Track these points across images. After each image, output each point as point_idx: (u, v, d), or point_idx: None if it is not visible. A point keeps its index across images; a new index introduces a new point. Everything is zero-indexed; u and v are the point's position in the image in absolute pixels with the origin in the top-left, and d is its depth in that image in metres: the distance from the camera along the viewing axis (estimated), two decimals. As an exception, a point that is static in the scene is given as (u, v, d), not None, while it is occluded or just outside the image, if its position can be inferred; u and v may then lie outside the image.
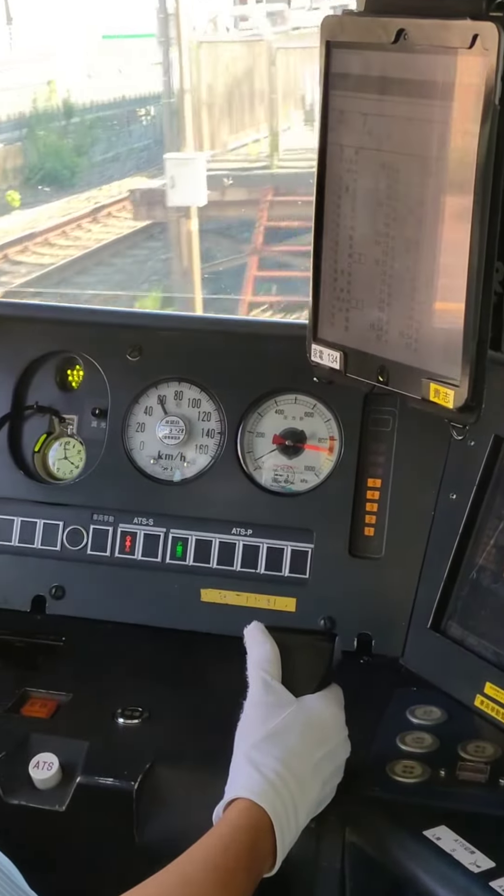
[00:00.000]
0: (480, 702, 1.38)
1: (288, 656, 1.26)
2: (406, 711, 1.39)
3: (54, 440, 1.70)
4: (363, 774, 1.27)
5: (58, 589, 1.63)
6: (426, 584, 1.49)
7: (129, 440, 1.66)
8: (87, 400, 1.68)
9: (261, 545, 1.59)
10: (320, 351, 1.40)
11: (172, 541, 1.62)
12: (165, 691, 1.46)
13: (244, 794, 1.13)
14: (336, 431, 1.59)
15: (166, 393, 1.66)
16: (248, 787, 1.13)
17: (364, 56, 1.30)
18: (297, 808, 1.14)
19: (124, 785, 1.30)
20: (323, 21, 1.34)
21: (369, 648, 1.52)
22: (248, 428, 1.62)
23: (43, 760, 1.33)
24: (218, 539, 1.60)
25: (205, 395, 1.65)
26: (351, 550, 1.55)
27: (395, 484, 1.55)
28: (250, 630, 1.28)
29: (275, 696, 1.22)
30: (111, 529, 1.64)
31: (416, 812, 1.22)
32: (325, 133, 1.36)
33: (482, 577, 1.44)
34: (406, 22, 1.23)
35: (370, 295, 1.33)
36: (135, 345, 1.66)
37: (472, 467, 1.47)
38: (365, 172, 1.32)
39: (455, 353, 1.22)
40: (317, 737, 1.20)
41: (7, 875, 1.21)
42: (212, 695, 1.40)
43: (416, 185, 1.25)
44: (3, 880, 1.19)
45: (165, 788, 1.31)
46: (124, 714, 1.39)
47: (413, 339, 1.29)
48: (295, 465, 1.61)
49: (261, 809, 1.12)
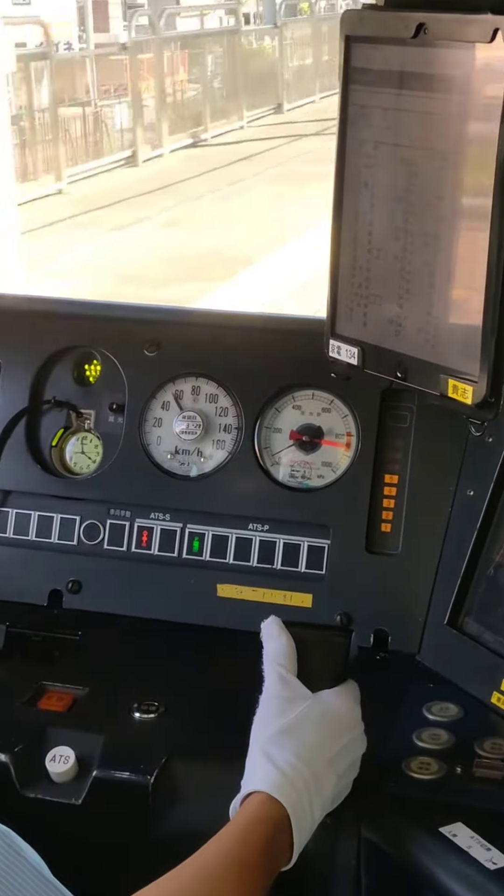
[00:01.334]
0: (497, 698, 1.37)
1: (304, 651, 1.26)
2: (422, 708, 1.38)
3: (71, 435, 1.70)
4: (379, 770, 1.27)
5: (74, 583, 1.64)
6: (443, 580, 1.49)
7: (146, 435, 1.66)
8: (105, 395, 1.68)
9: (277, 541, 1.59)
10: (338, 346, 1.40)
11: (189, 536, 1.62)
12: (181, 686, 1.46)
13: (261, 787, 1.13)
14: (353, 427, 1.59)
15: (183, 388, 1.66)
16: (265, 781, 1.13)
17: (384, 51, 1.30)
18: (312, 801, 1.14)
19: (140, 779, 1.31)
20: (343, 15, 1.34)
21: (386, 644, 1.52)
22: (265, 423, 1.62)
23: (59, 754, 1.34)
24: (234, 534, 1.60)
25: (222, 390, 1.65)
26: (368, 546, 1.55)
27: (413, 480, 1.54)
28: (267, 624, 1.29)
29: (291, 690, 1.22)
30: (128, 524, 1.64)
31: (431, 809, 1.22)
32: (345, 128, 1.35)
33: (499, 573, 1.44)
34: (426, 16, 1.23)
35: (388, 290, 1.33)
36: (152, 340, 1.66)
37: (490, 464, 1.46)
38: (384, 167, 1.31)
39: (474, 349, 1.21)
40: (333, 731, 1.20)
41: (37, 869, 1.22)
42: (228, 690, 1.39)
43: (435, 180, 1.25)
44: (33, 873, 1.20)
45: (181, 782, 1.31)
46: (140, 708, 1.40)
47: (431, 335, 1.28)
48: (312, 461, 1.61)
49: (277, 803, 1.12)
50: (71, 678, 1.48)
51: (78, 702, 1.44)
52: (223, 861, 1.09)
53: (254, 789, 1.14)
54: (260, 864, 1.10)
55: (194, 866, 1.09)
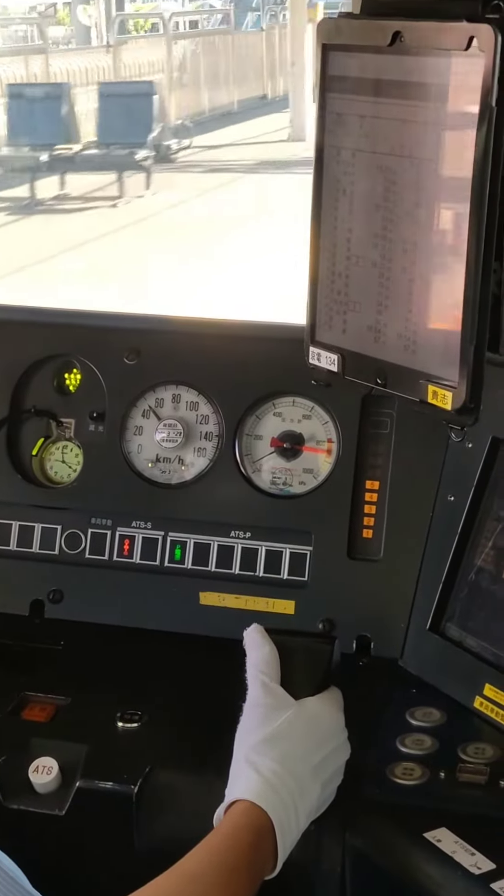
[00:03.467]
0: (480, 703, 1.38)
1: (287, 659, 1.26)
2: (405, 713, 1.38)
3: (52, 444, 1.70)
4: (363, 777, 1.27)
5: (56, 593, 1.63)
6: (425, 585, 1.49)
7: (127, 443, 1.66)
8: (85, 403, 1.68)
9: (259, 548, 1.59)
10: (318, 353, 1.40)
11: (171, 544, 1.62)
12: (165, 695, 1.46)
13: (245, 795, 1.13)
14: (334, 434, 1.59)
15: (164, 396, 1.66)
16: (249, 789, 1.13)
17: (360, 59, 1.30)
18: (297, 809, 1.14)
19: (124, 788, 1.30)
20: (319, 24, 1.34)
21: (368, 650, 1.52)
22: (246, 431, 1.62)
23: (42, 765, 1.33)
24: (216, 542, 1.60)
25: (202, 397, 1.65)
26: (350, 552, 1.55)
27: (394, 486, 1.55)
28: (250, 632, 1.29)
29: (274, 698, 1.22)
30: (109, 533, 1.64)
31: (416, 814, 1.22)
32: (323, 135, 1.36)
33: (481, 578, 1.44)
34: (402, 24, 1.24)
35: (368, 297, 1.33)
36: (132, 348, 1.66)
37: (470, 469, 1.47)
38: (362, 175, 1.32)
39: (453, 355, 1.22)
40: (316, 739, 1.20)
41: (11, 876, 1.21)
42: (211, 698, 1.39)
43: (413, 187, 1.25)
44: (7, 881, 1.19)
45: (165, 792, 1.31)
46: (123, 718, 1.39)
47: (411, 342, 1.29)
48: (293, 468, 1.61)
49: (261, 810, 1.12)
50: (54, 688, 1.47)
51: (61, 712, 1.43)
52: (209, 868, 1.09)
53: (238, 797, 1.13)
54: (245, 871, 1.10)
55: (180, 873, 1.09)
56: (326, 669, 1.27)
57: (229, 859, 1.09)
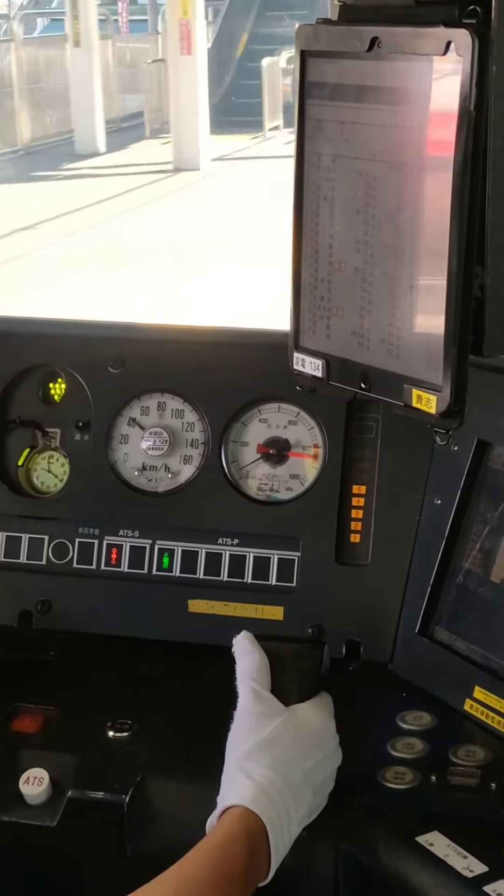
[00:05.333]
0: (470, 706, 1.38)
1: (277, 665, 1.26)
2: (396, 717, 1.39)
3: (38, 454, 1.69)
4: (354, 781, 1.27)
5: (44, 603, 1.63)
6: (413, 589, 1.49)
7: (113, 452, 1.66)
8: (70, 413, 1.68)
9: (247, 554, 1.59)
10: (302, 359, 1.40)
11: (159, 552, 1.62)
12: (155, 703, 1.45)
13: (238, 801, 1.13)
14: (320, 439, 1.59)
15: (149, 404, 1.66)
16: (242, 795, 1.13)
17: (339, 65, 1.30)
18: (290, 815, 1.14)
19: (115, 798, 1.30)
20: (298, 30, 1.34)
21: (358, 655, 1.52)
22: (231, 437, 1.62)
23: (33, 776, 1.33)
24: (204, 549, 1.60)
25: (188, 405, 1.65)
26: (337, 558, 1.55)
27: (381, 490, 1.55)
28: (239, 640, 1.28)
29: (264, 705, 1.22)
30: (97, 542, 1.63)
31: (408, 818, 1.22)
32: (303, 142, 1.36)
33: (468, 581, 1.45)
34: (380, 30, 1.24)
35: (351, 302, 1.33)
36: (116, 357, 1.66)
37: (456, 472, 1.47)
38: (343, 180, 1.32)
39: (437, 359, 1.22)
40: (308, 746, 1.20)
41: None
42: (201, 705, 1.39)
43: (394, 192, 1.25)
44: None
45: (157, 801, 1.31)
46: (114, 727, 1.39)
47: (395, 346, 1.29)
48: (280, 474, 1.61)
49: (255, 816, 1.12)
50: (43, 699, 1.47)
51: (51, 722, 1.43)
52: (203, 875, 1.09)
53: (231, 804, 1.13)
54: (239, 878, 1.10)
55: (173, 880, 1.08)
56: (316, 675, 1.27)
57: (223, 866, 1.09)
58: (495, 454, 1.46)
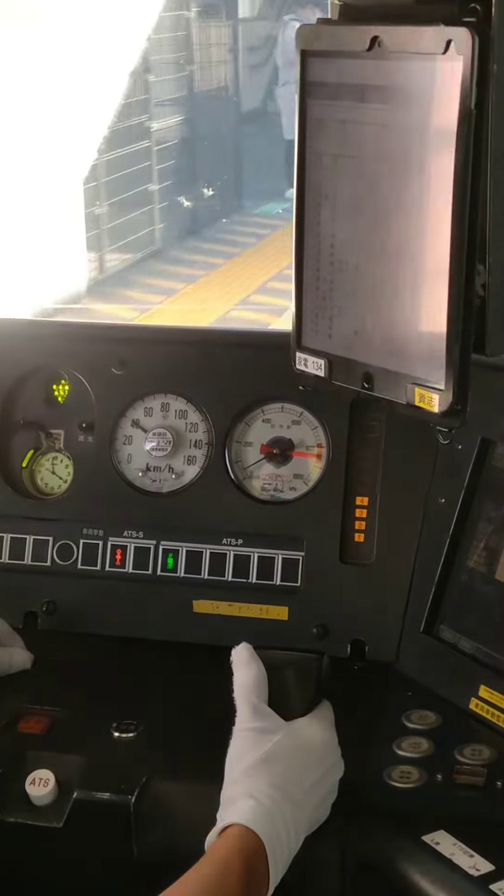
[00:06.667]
0: (475, 705, 1.38)
1: (276, 677, 1.25)
2: (401, 716, 1.39)
3: (42, 455, 1.70)
4: (360, 781, 1.27)
5: (49, 604, 1.63)
6: (418, 588, 1.49)
7: (117, 453, 1.66)
8: (74, 414, 1.68)
9: (252, 555, 1.59)
10: (305, 359, 1.40)
11: (163, 553, 1.62)
12: (160, 704, 1.45)
13: (238, 819, 1.12)
14: (323, 439, 1.59)
15: (153, 405, 1.66)
16: (242, 813, 1.12)
17: (340, 64, 1.30)
18: (289, 832, 1.13)
19: (121, 799, 1.30)
20: (298, 30, 1.34)
21: (363, 654, 1.52)
22: (235, 438, 1.62)
23: (39, 777, 1.33)
24: (209, 550, 1.60)
25: (191, 406, 1.65)
26: (342, 557, 1.55)
27: (384, 489, 1.55)
28: (237, 652, 1.28)
29: (263, 721, 1.21)
30: (101, 543, 1.64)
31: (414, 817, 1.22)
32: (304, 141, 1.36)
33: (473, 579, 1.45)
34: (380, 29, 1.24)
35: (353, 302, 1.33)
36: (119, 358, 1.66)
37: (460, 471, 1.47)
38: (344, 180, 1.32)
39: (439, 358, 1.22)
40: (308, 761, 1.19)
41: None
42: (207, 706, 1.39)
43: (395, 191, 1.25)
44: None
45: (163, 801, 1.31)
46: (119, 728, 1.39)
47: (396, 345, 1.29)
48: (283, 474, 1.61)
49: (254, 835, 1.10)
50: (49, 700, 1.47)
51: (56, 723, 1.43)
52: (203, 891, 1.07)
53: (231, 822, 1.12)
54: (241, 894, 1.09)
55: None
56: (316, 685, 1.27)
57: (222, 887, 1.08)
58: (499, 453, 1.46)
